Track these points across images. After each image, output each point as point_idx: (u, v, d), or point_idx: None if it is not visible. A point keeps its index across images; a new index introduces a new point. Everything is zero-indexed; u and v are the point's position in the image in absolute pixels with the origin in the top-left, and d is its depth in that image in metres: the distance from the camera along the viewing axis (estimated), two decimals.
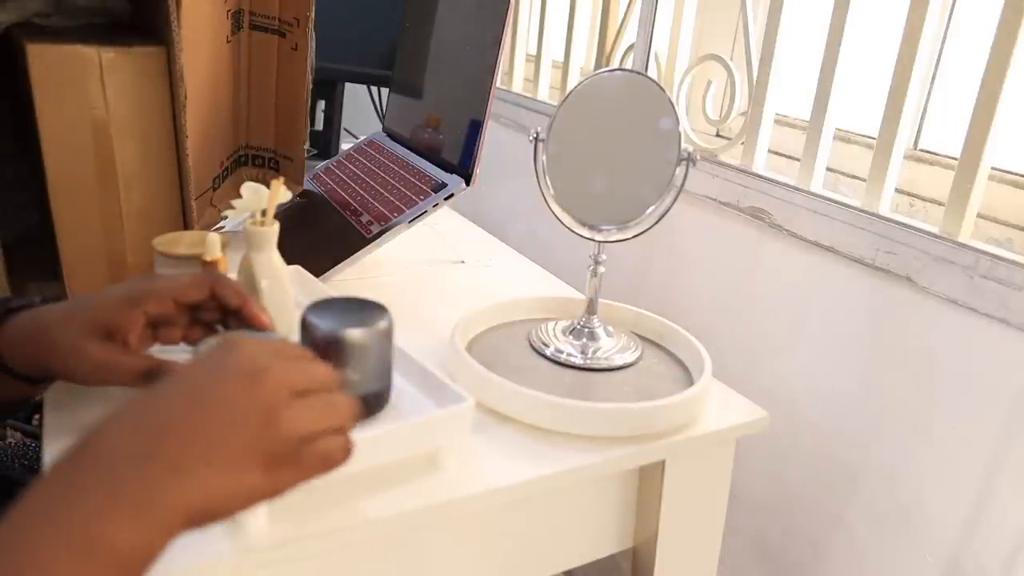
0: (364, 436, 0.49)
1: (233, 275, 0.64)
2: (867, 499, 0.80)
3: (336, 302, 0.56)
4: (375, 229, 0.85)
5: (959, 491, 0.72)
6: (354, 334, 0.52)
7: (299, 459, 0.38)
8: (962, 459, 0.71)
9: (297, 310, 0.65)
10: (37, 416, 1.16)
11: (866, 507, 0.80)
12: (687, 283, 1.01)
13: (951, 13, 0.81)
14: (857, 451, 0.80)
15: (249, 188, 0.63)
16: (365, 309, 0.55)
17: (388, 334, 0.55)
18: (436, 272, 0.92)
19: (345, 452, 0.40)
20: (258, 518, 0.46)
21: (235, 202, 0.63)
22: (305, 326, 0.53)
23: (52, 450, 0.52)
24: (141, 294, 0.50)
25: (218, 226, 0.94)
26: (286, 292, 0.64)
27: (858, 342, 0.80)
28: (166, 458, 0.35)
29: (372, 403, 0.54)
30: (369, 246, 0.83)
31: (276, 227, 0.63)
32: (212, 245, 0.61)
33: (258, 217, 0.63)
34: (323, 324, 0.52)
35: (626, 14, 1.11)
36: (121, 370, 0.49)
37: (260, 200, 0.62)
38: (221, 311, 0.54)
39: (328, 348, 0.51)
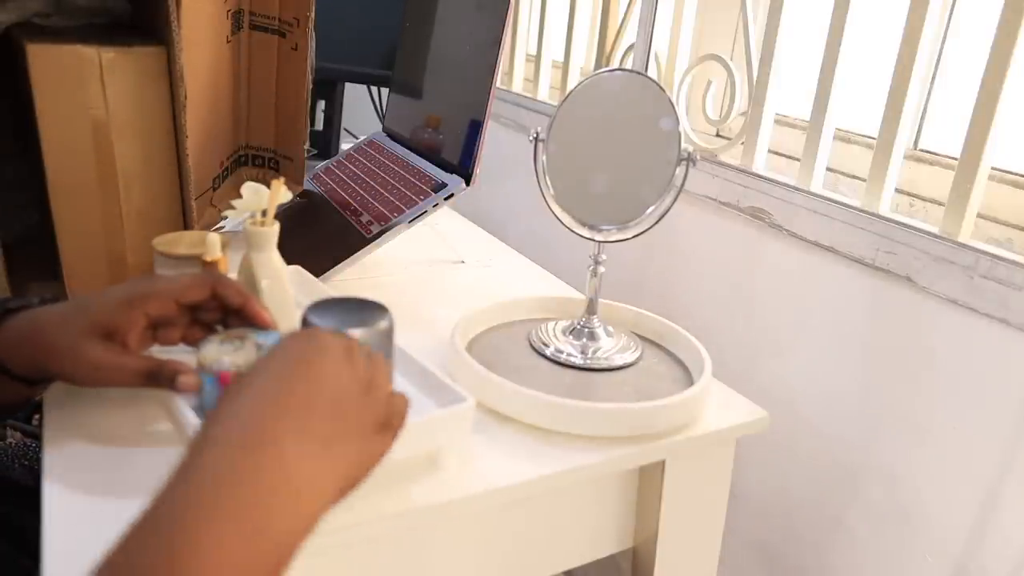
0: None
1: (233, 275, 0.64)
2: (867, 499, 0.80)
3: (336, 302, 0.56)
4: (375, 229, 0.85)
5: (959, 491, 0.72)
6: (354, 334, 0.51)
7: (390, 420, 0.43)
8: (962, 459, 0.71)
9: (297, 310, 0.65)
10: (37, 416, 1.16)
11: (866, 507, 0.80)
12: (687, 283, 1.01)
13: (951, 13, 0.81)
14: (857, 451, 0.80)
15: (249, 188, 0.63)
16: (365, 309, 0.55)
17: (389, 334, 0.54)
18: (436, 272, 0.92)
19: (407, 405, 0.46)
20: None
21: (235, 202, 0.63)
22: (305, 326, 0.53)
23: (52, 450, 0.52)
24: (141, 295, 0.50)
25: (218, 226, 0.94)
26: (286, 292, 0.64)
27: (858, 342, 0.80)
28: (324, 436, 0.38)
29: None
30: (369, 246, 0.83)
31: (276, 227, 0.63)
32: (212, 245, 0.61)
33: (258, 217, 0.63)
34: (323, 324, 0.52)
35: (626, 14, 1.11)
36: (121, 371, 0.49)
37: (260, 200, 0.62)
38: (222, 311, 0.54)
39: None
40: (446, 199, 0.84)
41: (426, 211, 0.84)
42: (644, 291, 1.07)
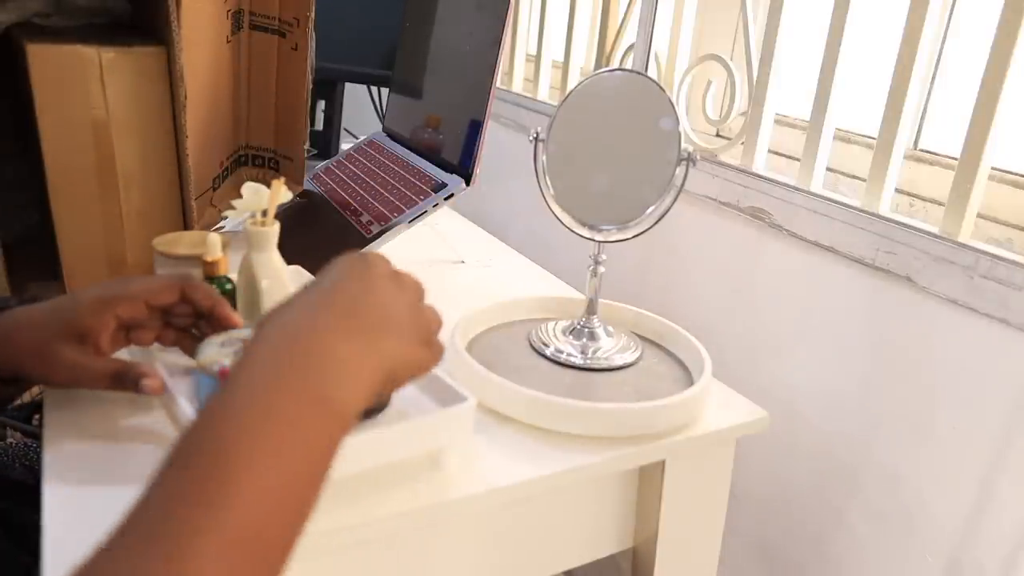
0: (366, 436, 0.49)
1: (234, 275, 0.64)
2: (867, 499, 0.80)
3: None
4: (375, 229, 0.85)
5: (959, 491, 0.72)
6: None
7: (431, 337, 0.46)
8: (962, 459, 0.71)
9: None
10: (37, 416, 1.16)
11: (866, 507, 0.80)
12: (687, 283, 1.01)
13: (951, 13, 0.81)
14: (857, 451, 0.80)
15: (249, 188, 0.63)
16: None
17: None
18: (436, 272, 0.92)
19: (441, 325, 0.49)
20: None
21: (235, 202, 0.63)
22: None
23: (52, 450, 0.52)
24: (112, 297, 0.51)
25: (218, 226, 0.94)
26: (287, 292, 0.64)
27: (858, 342, 0.80)
28: (369, 333, 0.42)
29: (373, 406, 0.54)
30: (369, 246, 0.83)
31: (276, 227, 0.63)
32: (212, 245, 0.62)
33: (258, 217, 0.63)
34: None
35: (626, 14, 1.11)
36: (90, 373, 0.51)
37: (260, 200, 0.63)
38: (194, 314, 0.54)
39: None
40: (446, 199, 0.84)
41: (426, 211, 0.84)
42: (644, 291, 1.07)
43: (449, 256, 0.97)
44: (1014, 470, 0.67)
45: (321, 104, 1.32)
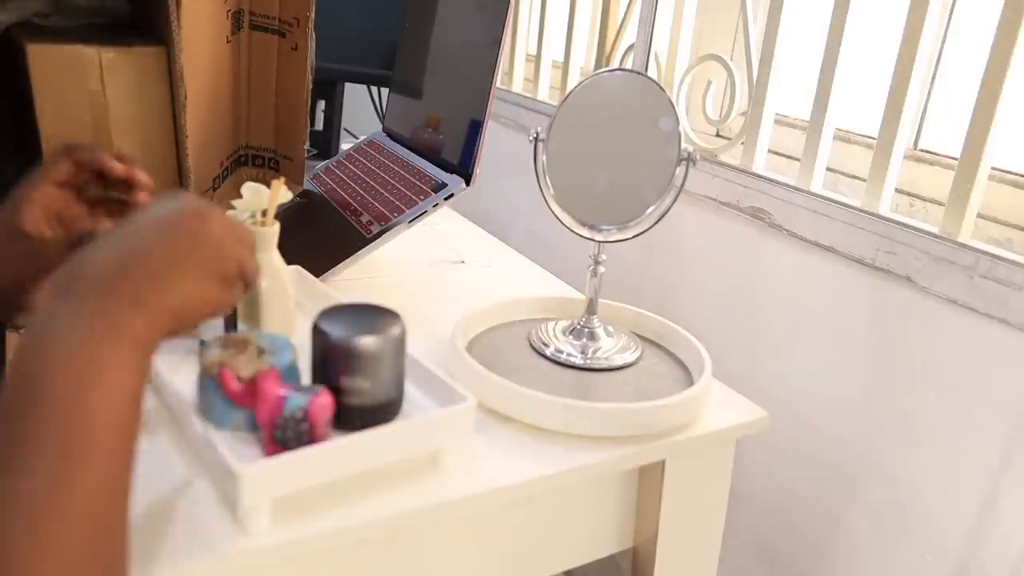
0: (367, 436, 0.49)
1: None
2: (867, 499, 0.80)
3: (348, 308, 0.55)
4: (375, 229, 0.85)
5: (959, 491, 0.72)
6: (366, 342, 0.51)
7: (236, 278, 0.48)
8: (962, 459, 0.71)
9: (297, 310, 0.65)
10: None
11: (866, 507, 0.80)
12: (687, 283, 1.01)
13: (951, 13, 0.81)
14: (857, 451, 0.80)
15: (249, 188, 0.63)
16: (377, 315, 0.54)
17: (401, 341, 0.53)
18: (436, 272, 0.92)
19: (257, 272, 0.50)
20: (260, 518, 0.46)
21: (235, 202, 0.63)
22: (317, 333, 0.52)
23: None
24: (27, 194, 0.54)
25: None
26: (286, 292, 0.64)
27: (858, 342, 0.80)
28: (151, 273, 0.42)
29: (384, 413, 0.53)
30: (369, 246, 0.83)
31: (276, 227, 0.63)
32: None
33: (258, 217, 0.63)
34: (335, 332, 0.51)
35: (626, 14, 1.11)
36: (53, 248, 0.54)
37: (260, 200, 0.63)
38: (101, 180, 0.57)
39: (340, 356, 0.51)
40: (446, 199, 0.84)
41: (426, 211, 0.84)
42: (644, 291, 1.07)
43: (449, 256, 0.97)
44: (1015, 470, 0.67)
45: (321, 104, 1.32)
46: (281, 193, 0.62)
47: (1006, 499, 0.68)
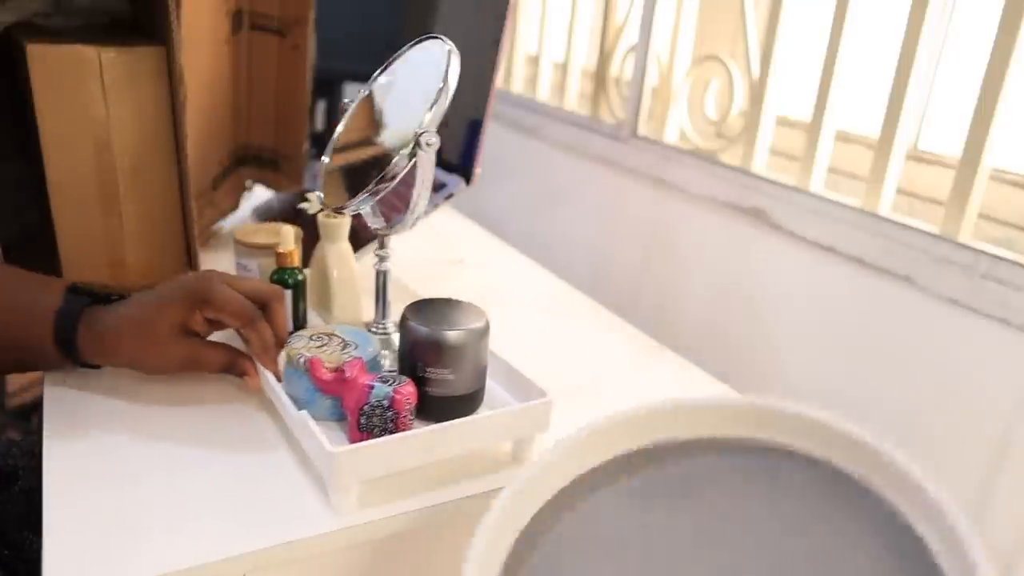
0: (451, 425, 0.51)
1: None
2: None
3: (434, 302, 0.57)
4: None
5: (959, 491, 0.72)
6: (452, 335, 0.52)
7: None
8: (962, 459, 0.71)
9: (364, 295, 0.69)
10: (37, 416, 1.16)
11: None
12: (687, 283, 1.01)
13: (951, 13, 0.81)
14: None
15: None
16: (462, 310, 0.56)
17: (484, 336, 0.55)
18: (436, 272, 0.92)
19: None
20: (350, 498, 0.48)
21: (310, 195, 0.70)
22: (405, 326, 0.54)
23: (52, 450, 0.52)
24: (206, 300, 0.57)
25: (218, 225, 0.94)
26: (355, 280, 0.68)
27: (858, 342, 0.80)
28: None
29: (466, 404, 0.55)
30: (369, 246, 0.83)
31: (348, 219, 0.66)
32: (286, 237, 0.65)
33: (330, 210, 0.65)
34: (423, 325, 0.53)
35: (626, 14, 1.11)
36: (205, 362, 0.58)
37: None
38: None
39: (427, 348, 0.53)
40: (446, 199, 0.84)
41: (428, 213, 0.84)
42: (644, 291, 1.07)
43: (449, 255, 0.97)
44: (1014, 470, 0.67)
45: (321, 104, 1.32)
46: None
47: (1005, 498, 0.68)
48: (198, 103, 0.75)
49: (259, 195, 1.02)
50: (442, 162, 0.92)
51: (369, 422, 0.50)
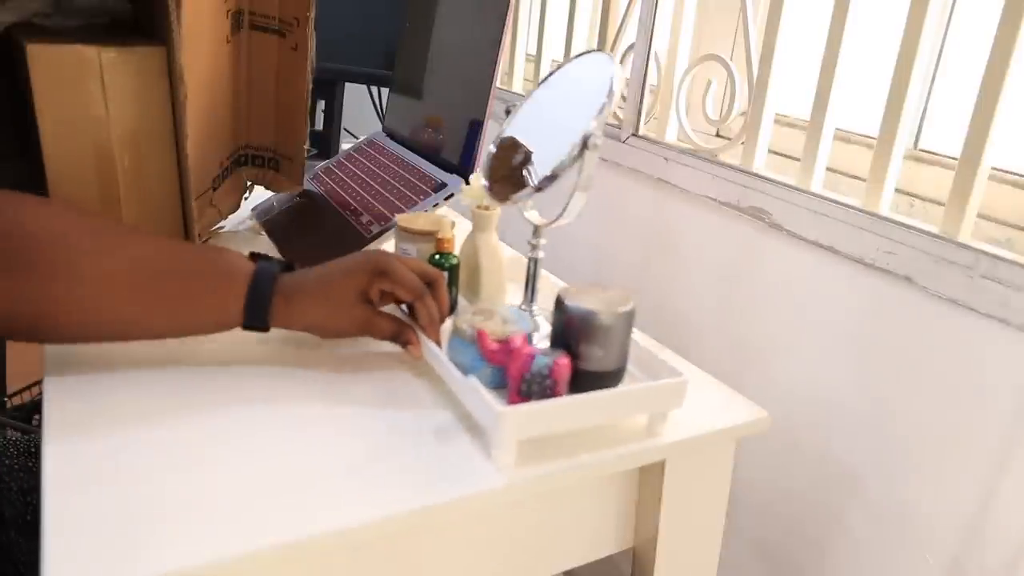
0: (604, 395, 0.58)
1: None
2: (867, 499, 0.80)
3: (586, 286, 0.62)
4: (375, 229, 0.85)
5: (959, 491, 0.72)
6: (605, 315, 0.58)
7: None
8: (962, 459, 0.71)
9: (510, 283, 0.80)
10: (37, 416, 1.16)
11: (866, 507, 0.80)
12: (687, 283, 1.01)
13: (951, 13, 0.81)
14: (857, 451, 0.80)
15: (477, 177, 0.75)
16: (611, 294, 0.61)
17: (631, 318, 0.60)
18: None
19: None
20: (510, 456, 0.54)
21: (464, 189, 0.78)
22: (560, 307, 0.60)
23: (52, 449, 0.52)
24: (385, 273, 0.63)
25: (218, 226, 0.94)
26: (501, 268, 0.77)
27: (858, 342, 0.80)
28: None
29: (612, 379, 0.60)
30: (369, 246, 0.83)
31: (498, 211, 0.74)
32: (446, 225, 0.75)
33: (483, 202, 0.75)
34: (578, 306, 0.59)
35: (626, 14, 1.11)
36: (378, 329, 0.64)
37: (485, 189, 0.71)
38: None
39: (580, 326, 0.58)
40: (446, 199, 0.84)
41: (426, 211, 0.84)
42: (644, 291, 1.07)
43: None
44: (1015, 471, 0.67)
45: (321, 104, 1.32)
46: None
47: (1005, 499, 0.68)
48: (198, 103, 0.75)
49: (259, 195, 1.02)
50: (442, 162, 0.92)
51: (529, 388, 0.56)
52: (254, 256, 0.64)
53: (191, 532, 0.45)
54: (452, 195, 0.84)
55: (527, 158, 0.69)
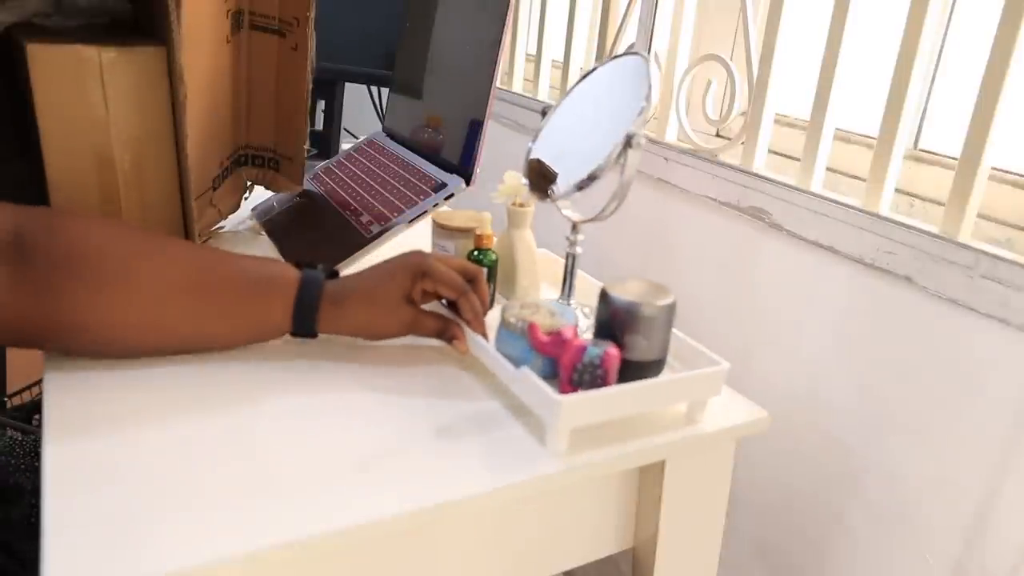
0: (653, 383, 0.60)
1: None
2: (867, 499, 0.80)
3: (628, 280, 0.64)
4: (375, 229, 0.85)
5: (959, 491, 0.72)
6: (648, 308, 0.60)
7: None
8: (962, 459, 0.71)
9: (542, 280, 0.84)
10: (37, 416, 1.16)
11: (866, 507, 0.80)
12: (687, 283, 1.01)
13: (951, 13, 0.81)
14: (857, 451, 0.80)
15: (510, 175, 0.78)
16: (653, 288, 0.63)
17: (672, 310, 0.62)
18: None
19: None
20: (563, 442, 0.56)
21: (500, 187, 0.79)
22: (605, 299, 0.62)
23: (52, 450, 0.52)
24: (426, 273, 0.65)
25: (218, 226, 0.94)
26: (535, 264, 0.80)
27: (858, 342, 0.80)
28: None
29: (654, 368, 0.63)
30: (369, 246, 0.83)
31: (533, 208, 0.77)
32: (485, 222, 0.78)
33: (518, 199, 0.78)
34: (622, 298, 0.61)
35: (626, 14, 1.11)
36: (424, 327, 0.66)
37: (517, 187, 0.75)
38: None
39: (626, 318, 0.61)
40: (446, 199, 0.84)
41: (426, 211, 0.84)
42: None
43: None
44: (1015, 471, 0.67)
45: (321, 104, 1.32)
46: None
47: (1006, 499, 0.68)
48: (198, 103, 0.75)
49: (259, 195, 1.02)
50: (442, 162, 0.92)
51: (580, 378, 0.58)
52: (298, 264, 0.65)
53: (191, 532, 0.45)
54: (452, 195, 0.84)
55: (562, 157, 0.73)
